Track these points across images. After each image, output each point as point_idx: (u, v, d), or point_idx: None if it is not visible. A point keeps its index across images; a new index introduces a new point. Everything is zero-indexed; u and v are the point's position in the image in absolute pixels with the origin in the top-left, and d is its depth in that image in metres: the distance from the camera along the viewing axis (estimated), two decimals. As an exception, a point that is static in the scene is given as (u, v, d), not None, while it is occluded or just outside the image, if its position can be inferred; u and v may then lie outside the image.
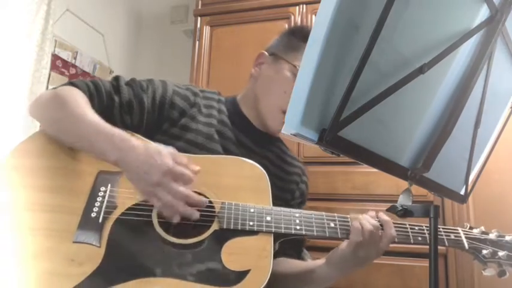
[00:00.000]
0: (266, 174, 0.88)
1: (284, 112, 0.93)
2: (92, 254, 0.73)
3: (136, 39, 2.62)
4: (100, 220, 0.77)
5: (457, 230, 0.92)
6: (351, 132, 0.50)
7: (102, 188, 0.81)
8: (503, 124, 0.80)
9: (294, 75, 0.99)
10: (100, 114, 0.87)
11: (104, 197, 0.80)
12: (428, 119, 0.63)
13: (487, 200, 1.46)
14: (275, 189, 0.99)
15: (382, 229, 0.85)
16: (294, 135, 0.47)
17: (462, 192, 0.78)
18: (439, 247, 0.62)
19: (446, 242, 0.89)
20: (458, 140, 0.69)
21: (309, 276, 0.93)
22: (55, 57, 1.95)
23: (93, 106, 0.87)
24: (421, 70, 0.53)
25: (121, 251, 0.75)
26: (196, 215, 0.76)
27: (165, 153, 0.76)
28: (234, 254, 0.78)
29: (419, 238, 0.88)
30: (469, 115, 0.69)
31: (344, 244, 0.86)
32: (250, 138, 1.02)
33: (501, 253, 0.88)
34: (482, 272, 0.89)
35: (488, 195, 1.46)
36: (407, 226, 0.89)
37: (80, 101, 0.84)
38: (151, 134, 0.93)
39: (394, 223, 0.88)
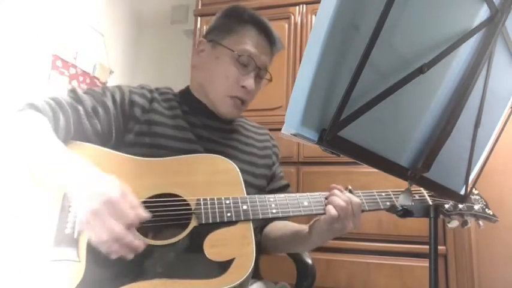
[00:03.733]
0: (236, 166, 0.90)
1: (231, 97, 1.02)
2: (72, 269, 0.72)
3: (137, 39, 2.62)
4: (75, 235, 0.75)
5: (420, 190, 0.98)
6: (351, 132, 0.50)
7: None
8: (503, 124, 0.80)
9: (233, 59, 1.02)
10: (68, 128, 0.87)
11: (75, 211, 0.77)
12: (428, 119, 0.63)
13: (486, 200, 1.45)
14: (256, 157, 1.08)
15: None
16: (294, 135, 0.47)
17: (462, 192, 0.78)
18: (438, 246, 0.62)
19: (412, 202, 0.93)
20: (458, 140, 0.69)
21: (298, 240, 1.00)
22: (55, 57, 1.95)
23: (59, 123, 0.85)
24: (421, 70, 0.53)
25: (101, 262, 0.73)
26: (130, 256, 0.70)
27: (116, 185, 0.71)
28: (216, 246, 0.79)
29: (388, 203, 0.95)
30: (469, 115, 0.69)
31: (321, 220, 0.90)
32: (213, 119, 1.06)
33: (461, 205, 0.95)
34: (447, 224, 0.96)
35: (488, 195, 1.45)
36: (375, 193, 0.97)
37: (39, 128, 0.80)
38: (122, 136, 0.94)
39: (362, 192, 0.96)
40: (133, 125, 0.95)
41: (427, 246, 0.62)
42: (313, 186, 1.58)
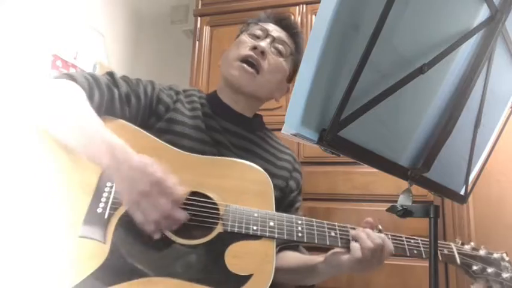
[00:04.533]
0: (269, 179, 0.88)
1: (240, 60, 1.00)
2: (97, 249, 0.73)
3: (136, 39, 2.62)
4: (106, 216, 0.76)
5: (450, 245, 0.95)
6: (351, 132, 0.50)
7: (108, 183, 0.80)
8: (503, 124, 0.80)
9: (245, 32, 1.06)
10: (100, 106, 0.88)
11: (110, 192, 0.79)
12: (429, 119, 0.63)
13: (487, 200, 1.46)
14: (269, 174, 1.00)
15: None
16: (294, 135, 0.47)
17: (462, 192, 0.78)
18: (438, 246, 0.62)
19: (440, 257, 0.90)
20: (458, 140, 0.69)
21: (309, 271, 0.96)
22: (55, 57, 1.95)
23: (93, 99, 0.86)
24: (421, 70, 0.53)
25: (126, 249, 0.74)
26: (173, 228, 0.76)
27: (157, 166, 0.74)
28: (238, 258, 0.78)
29: (415, 251, 0.91)
30: (469, 115, 0.69)
31: (345, 258, 0.86)
32: (236, 123, 1.04)
33: (490, 270, 0.92)
34: (471, 286, 0.93)
35: (488, 195, 1.46)
36: (404, 239, 0.92)
37: (78, 99, 0.82)
38: (143, 129, 0.93)
39: (391, 235, 0.90)
40: (154, 121, 0.96)
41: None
42: (313, 186, 1.58)
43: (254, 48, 0.99)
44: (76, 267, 0.70)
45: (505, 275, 0.93)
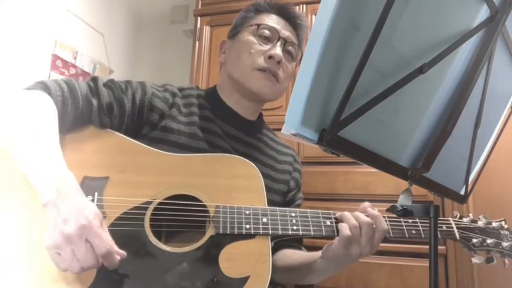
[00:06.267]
0: (260, 173, 0.86)
1: (257, 69, 0.95)
2: None
3: (136, 39, 2.62)
4: None
5: (449, 220, 0.93)
6: (351, 132, 0.50)
7: (89, 197, 0.74)
8: (503, 124, 0.80)
9: (254, 33, 0.99)
10: (75, 120, 0.83)
11: None
12: (429, 119, 0.63)
13: (487, 200, 1.45)
14: (269, 180, 0.99)
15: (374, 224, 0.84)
16: (294, 135, 0.47)
17: (462, 192, 0.78)
18: (438, 246, 0.62)
19: (439, 234, 0.88)
20: (458, 140, 0.69)
21: (308, 269, 0.94)
22: (55, 57, 1.95)
23: (66, 113, 0.81)
24: (421, 70, 0.53)
25: None
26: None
27: (96, 213, 0.66)
28: (232, 260, 0.76)
29: (413, 231, 0.88)
30: (469, 115, 0.69)
31: (336, 241, 0.85)
32: (237, 127, 1.00)
33: (489, 240, 0.91)
34: (472, 259, 0.91)
35: (488, 195, 1.46)
36: (401, 220, 0.88)
37: (44, 121, 0.76)
38: (133, 138, 0.89)
39: (388, 217, 0.86)
40: (148, 130, 0.91)
41: (427, 246, 0.61)
42: (313, 187, 1.58)
43: (269, 57, 0.95)
44: None
45: (505, 243, 0.91)
